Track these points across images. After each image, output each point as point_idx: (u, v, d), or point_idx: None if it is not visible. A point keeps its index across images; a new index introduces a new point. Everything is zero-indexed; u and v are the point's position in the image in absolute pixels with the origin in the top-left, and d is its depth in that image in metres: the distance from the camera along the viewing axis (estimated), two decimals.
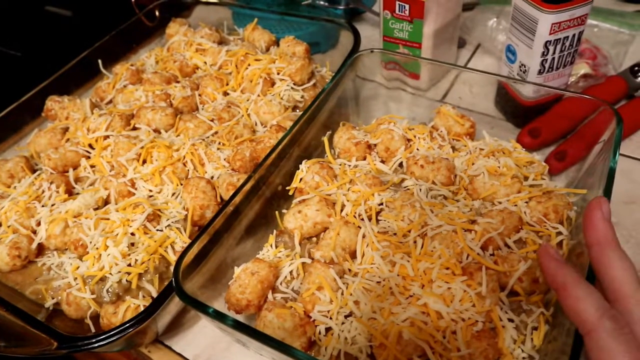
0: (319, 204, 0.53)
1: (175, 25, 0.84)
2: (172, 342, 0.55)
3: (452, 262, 0.46)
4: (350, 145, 0.60)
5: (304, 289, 0.48)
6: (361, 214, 0.53)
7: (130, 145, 0.62)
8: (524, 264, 0.46)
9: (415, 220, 0.50)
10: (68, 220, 0.57)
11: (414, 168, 0.56)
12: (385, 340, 0.42)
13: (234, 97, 0.71)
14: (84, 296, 0.52)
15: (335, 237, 0.50)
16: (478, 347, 0.41)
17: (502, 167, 0.55)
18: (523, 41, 0.62)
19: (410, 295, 0.46)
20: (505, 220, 0.49)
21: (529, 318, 0.45)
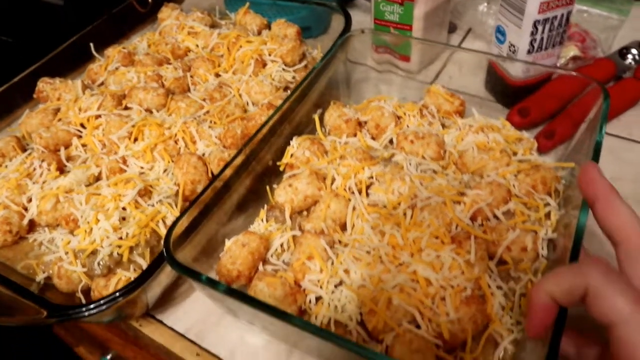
0: (310, 177, 0.53)
1: (167, 10, 0.85)
2: (164, 317, 0.55)
3: (441, 231, 0.47)
4: (340, 122, 0.60)
5: (294, 259, 0.48)
6: (351, 187, 0.53)
7: (121, 124, 0.62)
8: (512, 233, 0.47)
9: (405, 193, 0.51)
10: (59, 196, 0.57)
11: (404, 143, 0.57)
12: (375, 307, 0.43)
13: (225, 78, 0.71)
14: (75, 269, 0.52)
15: (326, 209, 0.51)
16: (467, 313, 0.42)
17: (491, 142, 0.55)
18: (512, 21, 0.62)
19: (399, 264, 0.46)
20: (494, 191, 0.50)
21: (517, 285, 0.46)
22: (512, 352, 0.42)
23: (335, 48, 0.63)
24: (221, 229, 0.53)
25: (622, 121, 0.69)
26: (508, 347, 0.42)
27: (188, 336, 0.54)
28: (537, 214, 0.50)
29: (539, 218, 0.50)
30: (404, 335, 0.41)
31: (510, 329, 0.43)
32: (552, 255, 0.48)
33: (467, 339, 0.42)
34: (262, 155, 0.56)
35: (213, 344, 0.53)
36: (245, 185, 0.55)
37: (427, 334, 0.41)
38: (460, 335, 0.41)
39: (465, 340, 0.42)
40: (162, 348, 0.54)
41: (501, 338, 0.43)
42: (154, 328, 0.55)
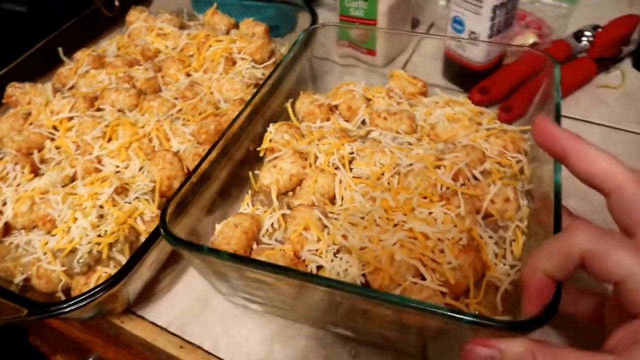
0: (293, 157, 0.55)
1: (135, 13, 0.85)
2: (145, 312, 0.56)
3: (429, 191, 0.49)
4: (313, 107, 0.62)
5: (290, 232, 0.49)
6: (335, 162, 0.55)
7: (95, 124, 0.63)
8: (493, 187, 0.49)
9: (387, 163, 0.53)
10: (35, 198, 0.57)
11: (377, 121, 0.59)
12: (379, 264, 0.44)
13: (196, 77, 0.72)
14: (55, 269, 0.52)
15: (313, 184, 0.52)
16: (466, 260, 0.44)
17: (457, 114, 0.58)
18: (470, 10, 0.65)
19: (395, 225, 0.48)
20: (469, 153, 0.53)
21: (506, 233, 0.48)
22: (513, 292, 0.45)
23: (300, 41, 0.64)
24: (204, 218, 0.53)
25: (579, 104, 0.73)
26: (508, 288, 0.44)
27: (170, 330, 0.54)
28: (511, 170, 0.53)
29: (513, 174, 0.53)
30: (412, 288, 0.42)
31: (506, 272, 0.46)
32: (531, 205, 0.50)
33: (469, 285, 0.43)
34: (238, 141, 0.56)
35: (196, 335, 0.54)
36: (225, 173, 0.55)
37: (433, 284, 0.43)
38: (463, 281, 0.43)
39: (468, 287, 0.43)
40: (144, 343, 0.55)
41: (500, 282, 0.45)
42: (135, 324, 0.55)
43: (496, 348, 0.32)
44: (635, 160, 0.64)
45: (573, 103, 0.73)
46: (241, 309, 0.55)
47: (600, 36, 0.76)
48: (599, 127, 0.70)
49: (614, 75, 0.77)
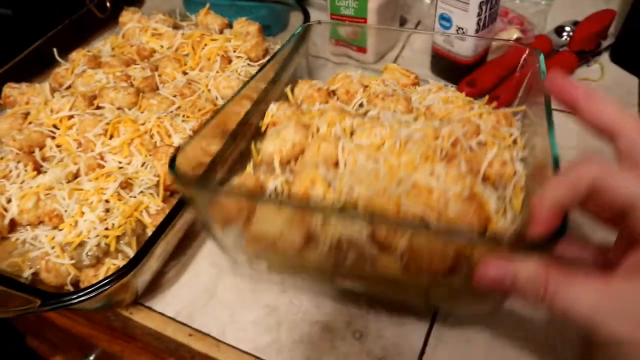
0: (297, 126, 0.56)
1: (128, 14, 0.86)
2: (152, 303, 0.57)
3: (430, 153, 0.51)
4: (312, 91, 0.64)
5: (296, 189, 0.50)
6: (337, 132, 0.56)
7: (96, 122, 0.64)
8: (491, 152, 0.52)
9: (387, 134, 0.54)
10: (40, 194, 0.58)
11: (375, 101, 0.61)
12: (386, 211, 0.44)
13: (193, 75, 0.74)
14: (63, 262, 0.53)
15: (317, 151, 0.53)
16: (470, 207, 0.45)
17: (451, 97, 0.61)
18: (457, 7, 0.68)
19: (399, 180, 0.49)
20: (465, 125, 0.55)
21: (505, 191, 0.50)
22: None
23: (297, 34, 0.65)
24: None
25: None
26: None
27: (178, 319, 0.56)
28: (505, 141, 0.56)
29: (507, 145, 0.55)
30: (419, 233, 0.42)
31: (508, 227, 0.47)
32: (527, 170, 0.52)
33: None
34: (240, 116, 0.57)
35: (204, 324, 0.55)
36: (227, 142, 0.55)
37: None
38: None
39: None
40: (153, 334, 0.56)
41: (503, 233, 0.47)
42: (144, 315, 0.57)
43: (509, 267, 0.33)
44: None
45: None
46: (247, 295, 0.56)
47: (579, 30, 0.80)
48: None
49: (594, 69, 0.80)
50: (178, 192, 0.61)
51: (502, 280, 0.34)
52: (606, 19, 0.81)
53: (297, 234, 0.45)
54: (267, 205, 0.42)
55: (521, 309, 0.52)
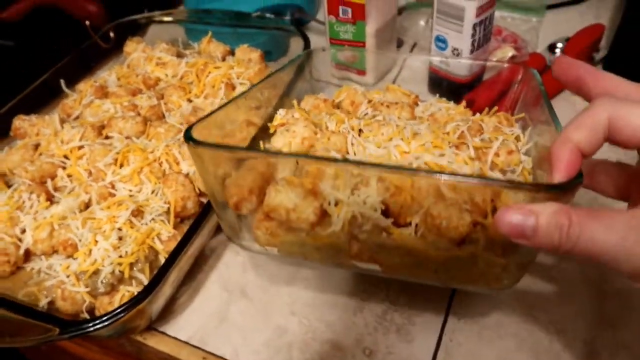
0: (306, 122, 0.57)
1: (132, 44, 0.88)
2: (166, 328, 0.59)
3: (438, 141, 0.52)
4: (318, 102, 0.65)
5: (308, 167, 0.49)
6: (346, 128, 0.57)
7: (106, 151, 0.66)
8: (496, 141, 0.53)
9: (394, 131, 0.55)
10: (54, 224, 0.60)
11: (380, 109, 0.63)
12: (400, 184, 0.44)
13: (198, 103, 0.76)
14: (79, 290, 0.54)
15: (327, 141, 0.55)
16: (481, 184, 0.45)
17: (453, 108, 0.63)
18: (452, 28, 0.71)
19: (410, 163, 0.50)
20: (468, 122, 0.57)
21: (514, 174, 0.51)
22: None
23: (295, 62, 0.67)
24: None
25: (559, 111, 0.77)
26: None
27: (192, 343, 0.57)
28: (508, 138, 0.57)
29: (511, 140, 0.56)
30: (436, 206, 0.43)
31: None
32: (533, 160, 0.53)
33: (487, 209, 0.44)
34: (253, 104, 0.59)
35: (217, 347, 0.56)
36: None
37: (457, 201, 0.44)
38: (482, 204, 0.44)
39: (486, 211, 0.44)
40: (168, 358, 0.57)
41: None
42: (158, 339, 0.58)
43: (531, 210, 0.32)
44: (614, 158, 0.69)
45: None
46: (258, 318, 0.58)
47: (569, 45, 0.82)
48: None
49: None
50: (189, 218, 0.63)
51: (523, 225, 0.32)
52: (596, 33, 0.83)
53: (311, 208, 0.46)
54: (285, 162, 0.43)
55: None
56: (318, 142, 0.56)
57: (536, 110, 0.55)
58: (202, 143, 0.45)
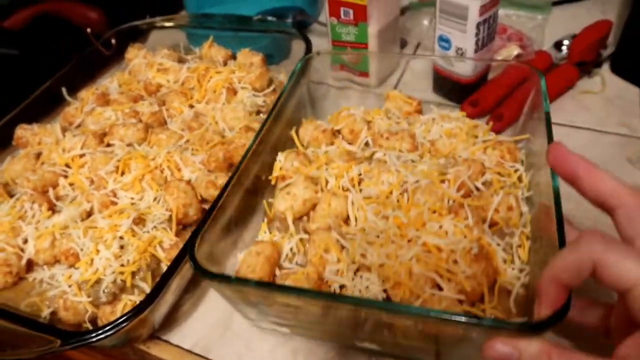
0: (305, 182, 0.57)
1: (134, 50, 0.88)
2: (169, 336, 0.58)
3: (437, 205, 0.52)
4: (317, 133, 0.65)
5: (311, 254, 0.52)
6: (345, 185, 0.57)
7: (107, 159, 0.65)
8: (497, 197, 0.53)
9: (394, 181, 0.56)
10: (55, 234, 0.60)
11: (380, 141, 0.62)
12: (399, 278, 0.46)
13: (200, 108, 0.75)
14: (81, 300, 0.54)
15: (327, 207, 0.55)
16: (479, 267, 0.46)
17: (455, 129, 0.62)
18: (456, 28, 0.70)
19: (409, 240, 0.50)
20: (470, 166, 0.56)
21: (512, 239, 0.51)
22: (524, 294, 0.47)
23: (298, 70, 0.67)
24: (222, 246, 0.54)
25: (564, 111, 0.77)
26: (520, 291, 0.47)
27: (195, 351, 0.56)
28: (510, 179, 0.57)
29: (513, 182, 0.56)
30: (432, 299, 0.45)
31: (516, 276, 0.49)
32: (532, 210, 0.54)
33: (484, 291, 0.46)
34: (251, 170, 0.58)
35: (220, 356, 0.56)
36: (239, 199, 0.56)
37: (450, 293, 0.45)
38: (478, 288, 0.46)
39: (483, 293, 0.46)
40: None
41: (511, 285, 0.48)
42: (161, 348, 0.57)
43: (514, 346, 0.36)
44: (621, 160, 0.68)
45: (558, 109, 0.77)
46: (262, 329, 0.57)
47: (576, 42, 0.81)
48: (584, 130, 0.74)
49: (595, 81, 0.81)
50: (191, 225, 0.62)
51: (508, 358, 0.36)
52: (603, 30, 0.82)
53: (316, 305, 0.47)
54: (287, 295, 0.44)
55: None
56: (320, 204, 0.56)
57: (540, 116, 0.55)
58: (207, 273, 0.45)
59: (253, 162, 0.59)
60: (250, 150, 0.57)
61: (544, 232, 0.47)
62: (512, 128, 0.67)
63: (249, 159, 0.57)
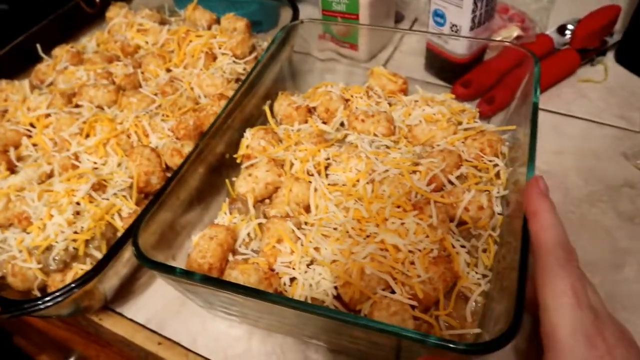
0: (268, 165, 0.54)
1: (115, 9, 0.84)
2: (123, 309, 0.56)
3: (402, 200, 0.49)
4: (291, 110, 0.62)
5: (264, 244, 0.49)
6: (310, 169, 0.54)
7: (72, 121, 0.62)
8: (468, 194, 0.49)
9: (363, 169, 0.53)
10: (10, 195, 0.57)
11: (355, 123, 0.58)
12: (350, 278, 0.44)
13: (176, 72, 0.71)
14: (30, 266, 0.51)
15: (288, 193, 0.52)
16: (436, 272, 0.44)
17: (437, 115, 0.58)
18: (452, 2, 0.65)
19: (367, 236, 0.48)
20: (445, 158, 0.53)
21: (478, 242, 0.48)
22: (482, 303, 0.45)
23: (278, 38, 0.64)
24: (178, 220, 0.52)
25: (562, 98, 0.73)
26: (478, 299, 0.45)
27: (149, 326, 0.54)
28: (487, 174, 0.53)
29: (489, 178, 0.53)
30: (381, 302, 0.42)
31: (477, 282, 0.46)
32: (506, 211, 0.51)
33: (439, 297, 0.44)
34: (215, 147, 0.56)
35: (174, 332, 0.53)
36: (202, 178, 0.54)
37: (402, 297, 0.43)
38: (433, 294, 0.43)
39: (438, 298, 0.44)
40: (123, 340, 0.55)
41: (470, 292, 0.45)
42: (114, 321, 0.55)
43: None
44: (616, 154, 0.64)
45: (555, 96, 0.73)
46: None
47: (581, 26, 0.76)
48: (581, 120, 0.70)
49: (597, 70, 0.77)
50: (152, 194, 0.59)
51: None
52: (610, 15, 0.77)
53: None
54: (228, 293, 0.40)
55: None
56: (281, 189, 0.53)
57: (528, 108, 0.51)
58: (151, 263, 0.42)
59: (220, 137, 0.56)
60: (214, 125, 0.54)
61: (512, 237, 0.44)
62: (503, 113, 0.63)
63: (214, 134, 0.54)
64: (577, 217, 0.59)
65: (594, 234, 0.57)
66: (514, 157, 0.54)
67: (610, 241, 0.56)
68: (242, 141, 0.59)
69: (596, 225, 0.58)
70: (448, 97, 0.63)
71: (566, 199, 0.60)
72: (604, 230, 0.57)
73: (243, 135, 0.59)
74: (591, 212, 0.59)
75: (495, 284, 0.45)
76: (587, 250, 0.53)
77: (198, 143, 0.53)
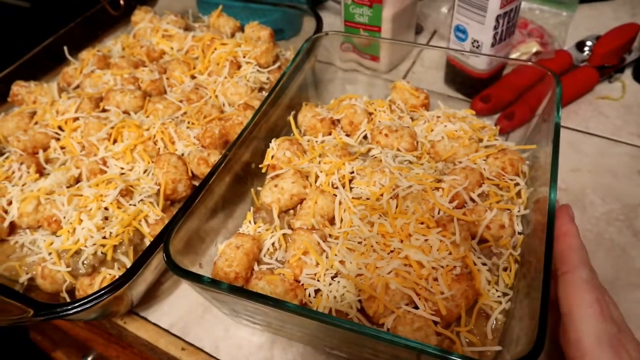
0: (294, 177, 0.55)
1: (140, 13, 0.85)
2: (148, 313, 0.57)
3: (426, 217, 0.50)
4: (315, 122, 0.63)
5: (289, 256, 0.50)
6: (335, 182, 0.55)
7: (100, 126, 0.63)
8: (490, 212, 0.50)
9: (387, 184, 0.53)
10: (40, 198, 0.58)
11: (378, 137, 0.59)
12: (374, 292, 0.45)
13: (201, 80, 0.73)
14: (59, 269, 0.53)
15: (314, 205, 0.53)
16: (459, 289, 0.45)
17: (459, 131, 0.59)
18: (474, 19, 0.66)
19: (391, 251, 0.48)
20: (468, 176, 0.54)
21: (499, 260, 0.49)
22: (503, 321, 0.46)
23: (303, 50, 0.65)
24: (203, 226, 0.53)
25: (580, 115, 0.74)
26: (499, 317, 0.46)
27: (172, 331, 0.55)
28: (508, 193, 0.54)
29: (511, 197, 0.54)
30: (405, 317, 0.43)
31: (498, 300, 0.47)
32: (527, 230, 0.51)
33: (461, 313, 0.44)
34: (242, 158, 0.57)
35: (197, 338, 0.55)
36: (226, 186, 0.55)
37: (425, 313, 0.44)
38: (455, 310, 0.44)
39: (460, 315, 0.45)
40: (147, 344, 0.56)
41: (491, 310, 0.46)
42: (138, 325, 0.56)
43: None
44: (632, 172, 0.65)
45: (573, 113, 0.74)
46: None
47: (600, 44, 0.77)
48: (598, 138, 0.71)
49: (615, 87, 0.78)
50: (179, 202, 0.61)
51: None
52: (630, 33, 0.78)
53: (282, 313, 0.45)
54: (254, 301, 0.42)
55: None
56: (307, 201, 0.54)
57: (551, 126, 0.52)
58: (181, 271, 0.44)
59: (246, 147, 0.57)
60: (242, 135, 0.55)
61: (533, 256, 0.45)
62: (523, 129, 0.64)
63: (242, 144, 0.55)
64: (593, 235, 0.59)
65: (610, 253, 0.58)
66: (534, 176, 0.55)
67: (625, 260, 0.57)
68: (267, 151, 0.60)
69: (612, 244, 0.59)
70: (469, 113, 0.64)
71: (583, 217, 0.61)
72: (620, 249, 0.58)
73: (267, 145, 0.60)
74: (607, 231, 0.60)
75: (515, 302, 0.46)
76: (602, 268, 0.53)
77: (226, 153, 0.54)
